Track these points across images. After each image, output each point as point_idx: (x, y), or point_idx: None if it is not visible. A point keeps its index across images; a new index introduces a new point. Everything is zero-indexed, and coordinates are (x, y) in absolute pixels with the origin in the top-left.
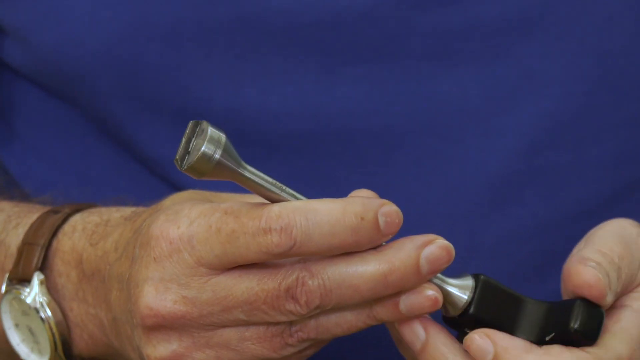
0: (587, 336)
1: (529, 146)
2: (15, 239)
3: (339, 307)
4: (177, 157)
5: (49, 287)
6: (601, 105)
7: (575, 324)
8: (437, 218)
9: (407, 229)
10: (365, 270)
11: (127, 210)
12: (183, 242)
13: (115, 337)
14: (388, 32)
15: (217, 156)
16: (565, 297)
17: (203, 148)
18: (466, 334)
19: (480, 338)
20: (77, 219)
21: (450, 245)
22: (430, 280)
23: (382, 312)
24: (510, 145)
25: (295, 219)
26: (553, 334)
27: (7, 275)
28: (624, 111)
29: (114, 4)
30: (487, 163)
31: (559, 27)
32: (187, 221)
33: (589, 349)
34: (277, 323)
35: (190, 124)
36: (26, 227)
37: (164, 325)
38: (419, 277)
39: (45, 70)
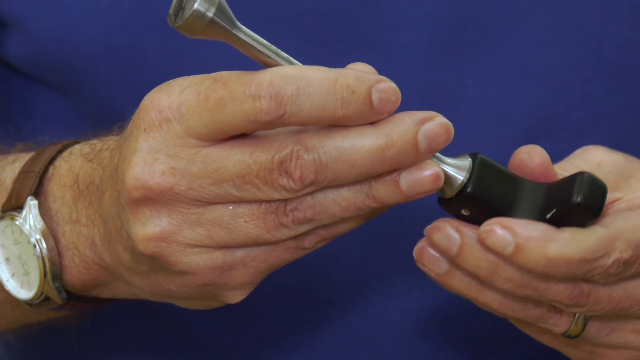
0: (592, 209)
1: (525, 135)
2: (11, 173)
3: (335, 184)
4: (171, 12)
5: (43, 213)
6: (597, 94)
7: (578, 198)
8: (434, 207)
9: (404, 217)
10: (363, 144)
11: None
12: (172, 111)
13: (106, 249)
14: (385, 22)
15: (210, 14)
16: None
17: (196, 5)
18: (463, 216)
19: (499, 229)
20: (75, 147)
21: (450, 123)
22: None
23: (382, 190)
24: (506, 134)
25: (287, 88)
26: (554, 210)
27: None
28: (619, 100)
29: None
30: (483, 152)
31: (555, 16)
32: (179, 90)
33: (616, 226)
34: (271, 201)
35: None
36: (23, 161)
37: (151, 199)
38: (416, 154)
39: (44, 60)
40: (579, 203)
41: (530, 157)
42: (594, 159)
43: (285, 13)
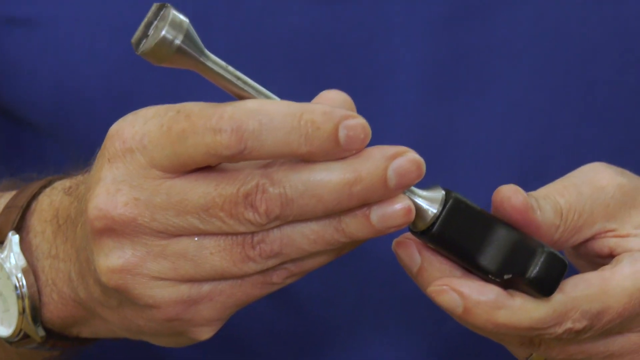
0: (543, 289)
1: (516, 177)
2: None
3: (302, 218)
4: (133, 41)
5: (24, 248)
6: (588, 136)
7: (532, 274)
8: None
9: None
10: (330, 179)
11: None
12: (135, 142)
13: (80, 283)
14: (378, 65)
15: (177, 42)
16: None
17: (163, 32)
18: (430, 248)
19: (448, 292)
20: (59, 182)
21: (422, 159)
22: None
23: (352, 224)
24: (497, 177)
25: (248, 122)
26: (511, 275)
27: None
28: (610, 142)
29: (111, 33)
30: (477, 194)
31: (545, 59)
32: (142, 120)
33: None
34: (238, 233)
35: (153, 6)
36: (9, 197)
37: (114, 230)
38: (386, 190)
39: (40, 103)
40: (531, 280)
41: (510, 199)
42: (598, 182)
43: (280, 56)
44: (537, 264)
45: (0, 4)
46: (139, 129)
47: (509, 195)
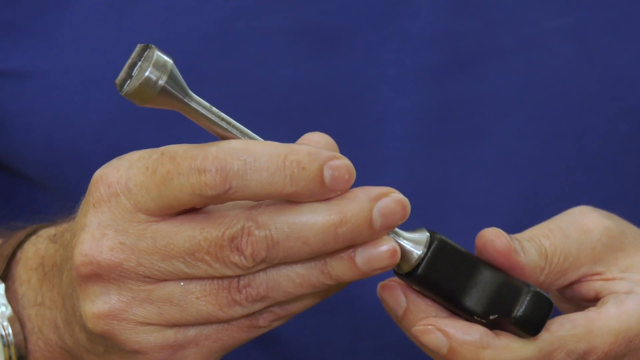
0: (530, 329)
1: (509, 226)
2: None
3: (288, 261)
4: (117, 81)
5: (10, 297)
6: (580, 185)
7: (518, 313)
8: None
9: None
10: (315, 220)
11: None
12: (120, 186)
13: (67, 330)
14: (371, 115)
15: (161, 82)
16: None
17: (147, 73)
18: (415, 290)
19: (433, 332)
20: (44, 229)
21: (406, 200)
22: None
23: (338, 267)
24: (492, 225)
25: (233, 162)
26: (497, 315)
27: None
28: (602, 191)
29: (104, 83)
30: (469, 243)
31: (537, 108)
32: (127, 164)
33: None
34: (223, 277)
35: (138, 47)
36: None
37: (100, 275)
38: (371, 231)
39: (32, 154)
40: (517, 320)
41: (493, 242)
42: (585, 225)
43: (274, 107)
44: (523, 303)
45: None
46: (123, 173)
47: (492, 238)
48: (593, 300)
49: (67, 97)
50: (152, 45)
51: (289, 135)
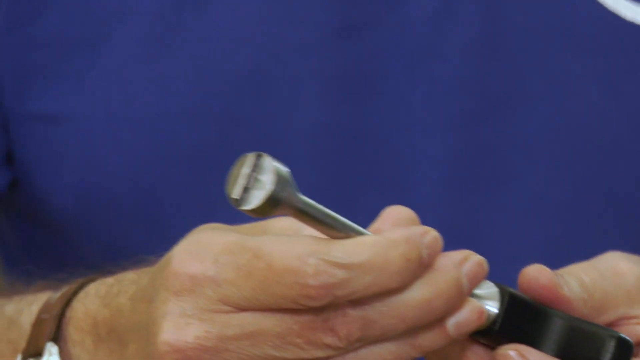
0: None
1: None
2: (28, 317)
3: (382, 339)
4: (234, 196)
5: (63, 358)
6: (609, 230)
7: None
8: None
9: None
10: (412, 297)
11: (143, 267)
12: (207, 280)
13: None
14: (401, 160)
15: (283, 195)
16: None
17: (271, 189)
18: (488, 346)
19: (514, 354)
20: (90, 286)
21: (484, 260)
22: None
23: (429, 338)
24: (520, 270)
25: (335, 274)
26: None
27: (20, 356)
28: (632, 236)
29: (135, 126)
30: None
31: (566, 152)
32: (211, 256)
33: None
34: (312, 359)
35: (250, 156)
36: (41, 304)
37: None
38: (461, 297)
39: (61, 200)
40: None
41: (537, 279)
42: (619, 269)
43: (303, 151)
44: (608, 351)
45: (23, 100)
46: (209, 266)
47: (535, 275)
48: (636, 345)
49: (99, 142)
50: (264, 154)
51: (317, 179)
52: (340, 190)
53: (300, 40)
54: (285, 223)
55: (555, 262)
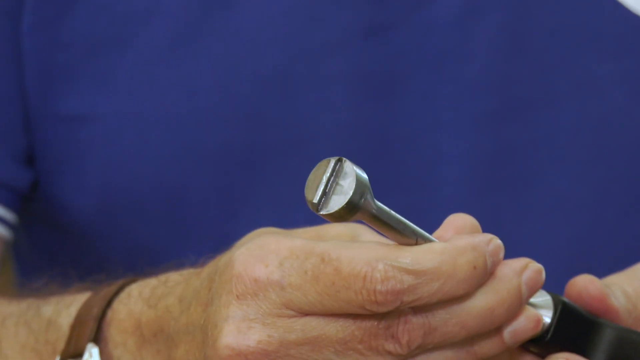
0: None
1: (563, 272)
2: (67, 318)
3: (442, 346)
4: (313, 200)
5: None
6: (634, 230)
7: None
8: None
9: None
10: (474, 305)
11: (187, 270)
12: (272, 283)
13: None
14: (425, 160)
15: (362, 201)
16: None
17: (351, 194)
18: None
19: None
20: (132, 287)
21: (542, 267)
22: None
23: (485, 346)
24: (546, 271)
25: (403, 280)
26: None
27: (58, 357)
28: None
29: (160, 126)
30: None
31: (590, 152)
32: (276, 260)
33: None
34: None
35: (331, 161)
36: (79, 305)
37: None
38: (520, 306)
39: (84, 201)
40: None
41: (587, 289)
42: None
43: (331, 153)
44: None
45: (47, 101)
46: (274, 270)
47: (585, 285)
48: None
49: (123, 142)
50: (345, 159)
51: None
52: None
53: (327, 40)
54: (340, 229)
55: (580, 262)
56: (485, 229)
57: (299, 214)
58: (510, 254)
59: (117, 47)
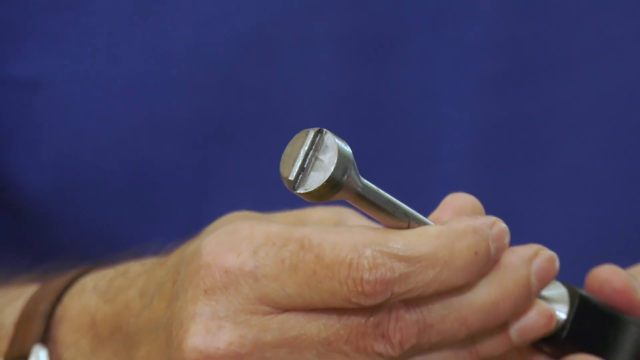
0: None
1: (582, 254)
2: (11, 314)
3: (439, 346)
4: (289, 177)
5: None
6: None
7: None
8: None
9: None
10: (475, 298)
11: (149, 259)
12: (244, 275)
13: None
14: (426, 134)
15: (345, 178)
16: None
17: (332, 170)
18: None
19: None
20: (86, 279)
21: (556, 255)
22: None
23: (489, 345)
24: (561, 254)
25: (394, 267)
26: None
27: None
28: None
29: (124, 93)
30: None
31: (610, 122)
32: (250, 248)
33: None
34: None
35: (310, 133)
36: (26, 299)
37: None
38: (529, 299)
39: (40, 179)
40: None
41: (610, 282)
42: None
43: (317, 119)
44: None
45: None
46: (247, 259)
47: (608, 277)
48: None
49: (82, 110)
50: (326, 131)
51: None
52: (358, 166)
53: None
54: (324, 213)
55: (601, 250)
56: (489, 211)
57: (280, 195)
58: (518, 239)
59: (74, 3)
